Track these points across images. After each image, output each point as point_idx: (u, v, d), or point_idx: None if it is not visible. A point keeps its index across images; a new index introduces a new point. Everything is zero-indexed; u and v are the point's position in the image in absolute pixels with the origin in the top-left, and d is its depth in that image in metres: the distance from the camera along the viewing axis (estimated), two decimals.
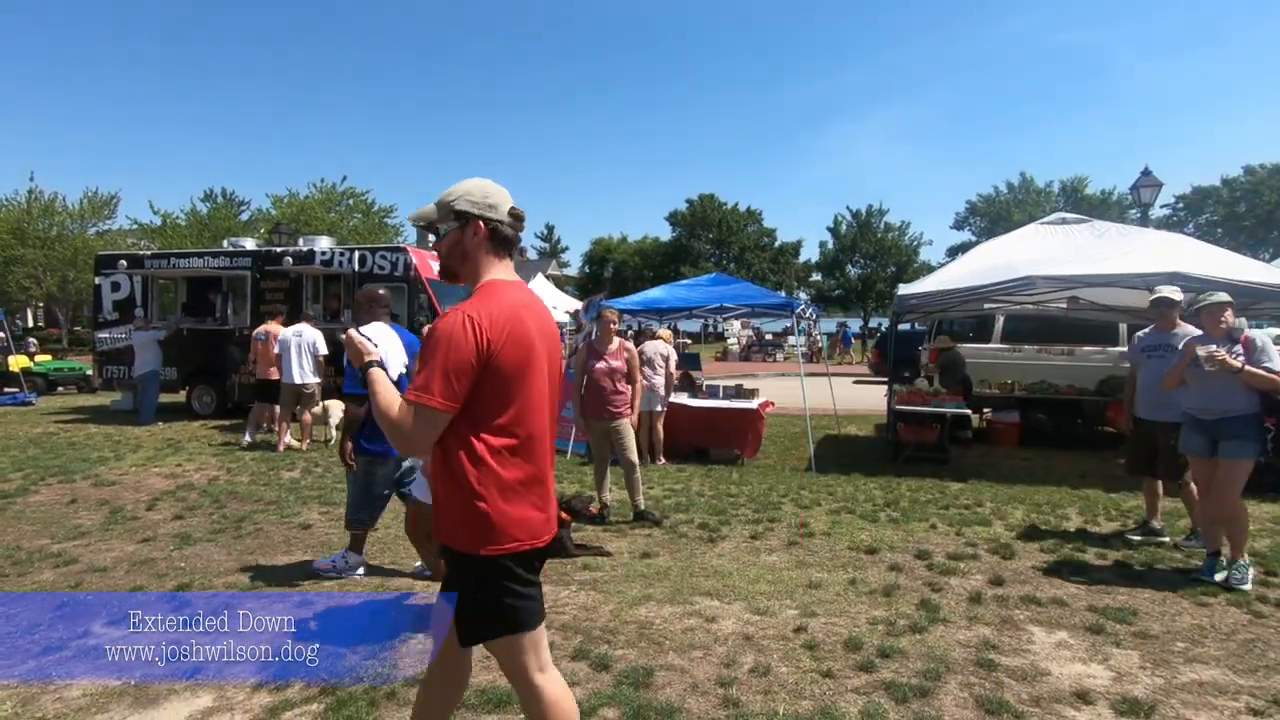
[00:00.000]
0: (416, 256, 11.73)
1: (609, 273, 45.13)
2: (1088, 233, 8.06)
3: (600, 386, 5.63)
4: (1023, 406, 9.85)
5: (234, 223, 31.07)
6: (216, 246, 15.57)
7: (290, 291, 11.92)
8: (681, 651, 3.31)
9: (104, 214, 31.63)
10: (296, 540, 5.18)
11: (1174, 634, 3.54)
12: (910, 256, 44.89)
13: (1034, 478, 7.45)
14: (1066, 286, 7.67)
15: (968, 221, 45.73)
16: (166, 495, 6.51)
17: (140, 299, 12.75)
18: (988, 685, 2.99)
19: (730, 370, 23.73)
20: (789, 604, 3.92)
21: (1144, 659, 3.27)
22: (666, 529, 5.46)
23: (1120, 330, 10.23)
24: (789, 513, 5.96)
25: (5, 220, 29.09)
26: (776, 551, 4.93)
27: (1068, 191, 42.02)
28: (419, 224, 2.04)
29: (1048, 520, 5.71)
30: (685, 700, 2.86)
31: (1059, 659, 3.26)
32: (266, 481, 7.12)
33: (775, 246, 51.44)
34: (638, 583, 4.26)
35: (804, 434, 8.81)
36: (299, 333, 8.97)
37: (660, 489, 6.86)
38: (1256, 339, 4.15)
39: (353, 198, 32.81)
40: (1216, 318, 4.27)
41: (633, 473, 5.65)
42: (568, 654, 3.26)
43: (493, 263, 1.95)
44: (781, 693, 2.93)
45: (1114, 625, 3.62)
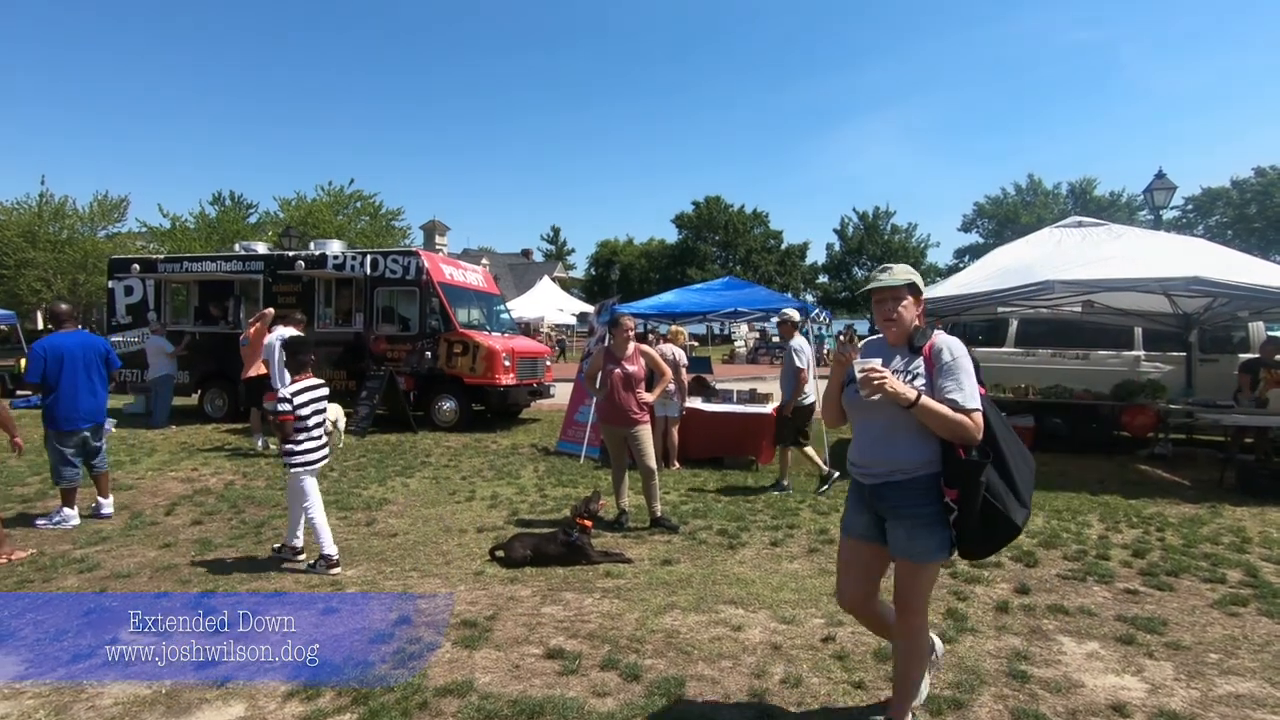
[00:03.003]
0: (428, 260, 11.76)
1: (615, 275, 45.06)
2: (1105, 236, 8.02)
3: (617, 392, 5.61)
4: (1037, 411, 9.81)
5: (242, 225, 31.23)
6: (228, 250, 15.62)
7: (302, 295, 11.95)
8: (711, 661, 3.29)
9: (114, 217, 31.83)
10: (315, 546, 5.17)
11: (1206, 645, 3.51)
12: (918, 258, 44.82)
13: (1051, 484, 7.40)
14: (1085, 291, 7.63)
15: (975, 223, 45.67)
16: (184, 500, 6.52)
17: (153, 303, 12.81)
18: (1022, 697, 2.97)
19: (738, 372, 23.71)
20: (814, 612, 3.90)
21: (1178, 671, 3.24)
22: (685, 535, 5.44)
23: (1136, 334, 10.20)
24: (808, 519, 5.94)
25: (16, 223, 29.27)
26: (798, 559, 4.91)
27: (1076, 193, 41.92)
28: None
29: (1068, 527, 5.67)
30: (719, 711, 2.85)
31: (1092, 670, 3.23)
32: (283, 486, 7.11)
33: (782, 249, 51.42)
34: (661, 590, 4.24)
35: (819, 438, 8.76)
36: (282, 336, 8.92)
37: (676, 494, 6.85)
38: (945, 350, 2.44)
39: (361, 200, 32.94)
40: (887, 311, 2.55)
41: (650, 479, 5.63)
42: (597, 663, 3.25)
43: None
44: (814, 704, 2.91)
45: (1145, 636, 3.59)
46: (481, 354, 11.08)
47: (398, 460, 8.52)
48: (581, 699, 2.92)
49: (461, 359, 11.20)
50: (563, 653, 3.34)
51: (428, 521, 5.83)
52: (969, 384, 2.39)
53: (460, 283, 12.43)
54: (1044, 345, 10.57)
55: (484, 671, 3.18)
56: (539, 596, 4.15)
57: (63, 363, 5.60)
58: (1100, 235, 8.04)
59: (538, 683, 3.08)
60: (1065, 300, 8.21)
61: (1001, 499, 2.36)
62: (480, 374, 11.10)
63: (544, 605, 4.02)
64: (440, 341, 11.28)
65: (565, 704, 2.85)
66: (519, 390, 11.63)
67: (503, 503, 6.49)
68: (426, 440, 10.18)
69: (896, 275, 2.54)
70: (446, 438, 10.45)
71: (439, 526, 5.69)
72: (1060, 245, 8.13)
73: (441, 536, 5.41)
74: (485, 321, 12.74)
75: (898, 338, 2.55)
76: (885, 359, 2.51)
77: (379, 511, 6.11)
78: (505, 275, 53.18)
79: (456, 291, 12.06)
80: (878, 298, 2.56)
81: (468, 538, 5.37)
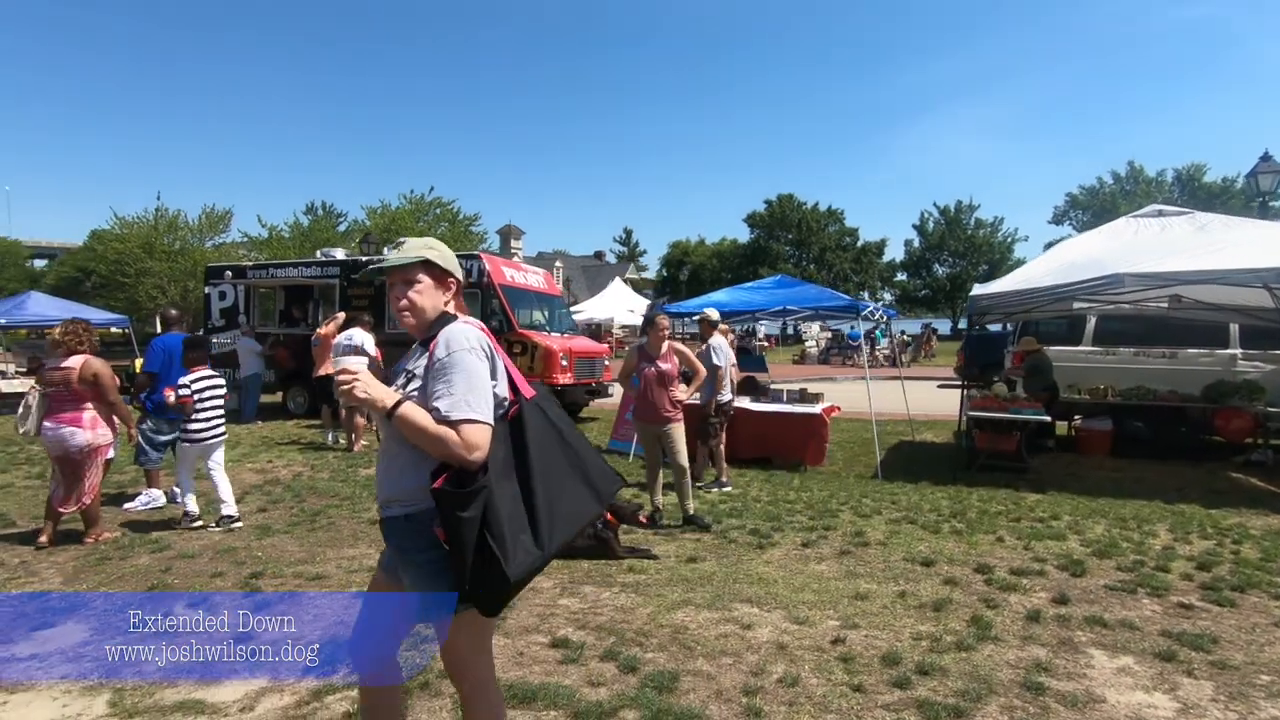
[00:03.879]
0: (489, 263, 12.14)
1: (685, 275, 45.09)
2: (1187, 225, 7.42)
3: (651, 390, 5.65)
4: (1116, 414, 9.18)
5: (333, 233, 33.10)
6: (308, 256, 16.63)
7: (374, 299, 12.59)
8: (711, 658, 3.30)
9: (219, 228, 34.35)
10: (363, 534, 5.47)
11: (1259, 665, 3.23)
12: (1004, 254, 42.66)
13: (1122, 491, 6.94)
14: (1161, 284, 7.10)
15: (1068, 215, 43.05)
16: (255, 489, 7.01)
17: (243, 306, 13.80)
18: (1032, 710, 2.83)
19: (807, 373, 23.24)
20: (831, 614, 3.82)
21: (1218, 691, 3.00)
22: (717, 534, 5.43)
23: (1231, 331, 9.38)
24: (846, 521, 5.80)
25: (137, 236, 32.05)
26: (827, 560, 4.81)
27: (1183, 180, 38.84)
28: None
29: (1130, 536, 5.31)
30: (707, 706, 2.85)
31: (1118, 686, 3.03)
32: (344, 478, 7.56)
33: (857, 246, 50.01)
34: (679, 587, 4.26)
35: (873, 440, 8.53)
36: (349, 336, 9.38)
37: (716, 493, 6.82)
38: (443, 344, 1.93)
39: (440, 207, 34.26)
40: (397, 296, 2.07)
41: (683, 477, 5.65)
42: (598, 654, 3.31)
43: None
44: (807, 704, 2.87)
45: (1188, 652, 3.34)
46: (539, 354, 11.36)
47: None
48: (574, 687, 2.98)
49: (520, 359, 11.50)
50: (567, 643, 3.42)
51: None
52: (461, 388, 1.85)
53: (521, 284, 12.76)
54: (1125, 343, 9.86)
55: None
56: (559, 588, 4.26)
57: (173, 358, 6.34)
58: (1181, 224, 7.45)
59: (537, 670, 3.17)
60: (1142, 294, 7.64)
61: (502, 539, 1.78)
62: (538, 373, 11.35)
63: (561, 597, 4.11)
64: (500, 341, 11.60)
65: (558, 691, 2.93)
66: (576, 389, 11.84)
67: None
68: None
69: (407, 251, 2.07)
70: None
71: None
72: (1137, 236, 7.58)
73: None
74: (547, 322, 13.04)
75: (417, 329, 2.05)
76: (411, 358, 2.06)
77: None
78: (578, 277, 54.08)
79: (517, 293, 12.39)
80: (390, 281, 2.07)
81: None
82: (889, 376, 15.36)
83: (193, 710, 2.89)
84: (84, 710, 2.90)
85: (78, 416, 5.13)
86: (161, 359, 6.38)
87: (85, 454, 5.12)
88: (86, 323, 5.46)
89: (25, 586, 4.29)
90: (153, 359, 6.42)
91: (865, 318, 8.77)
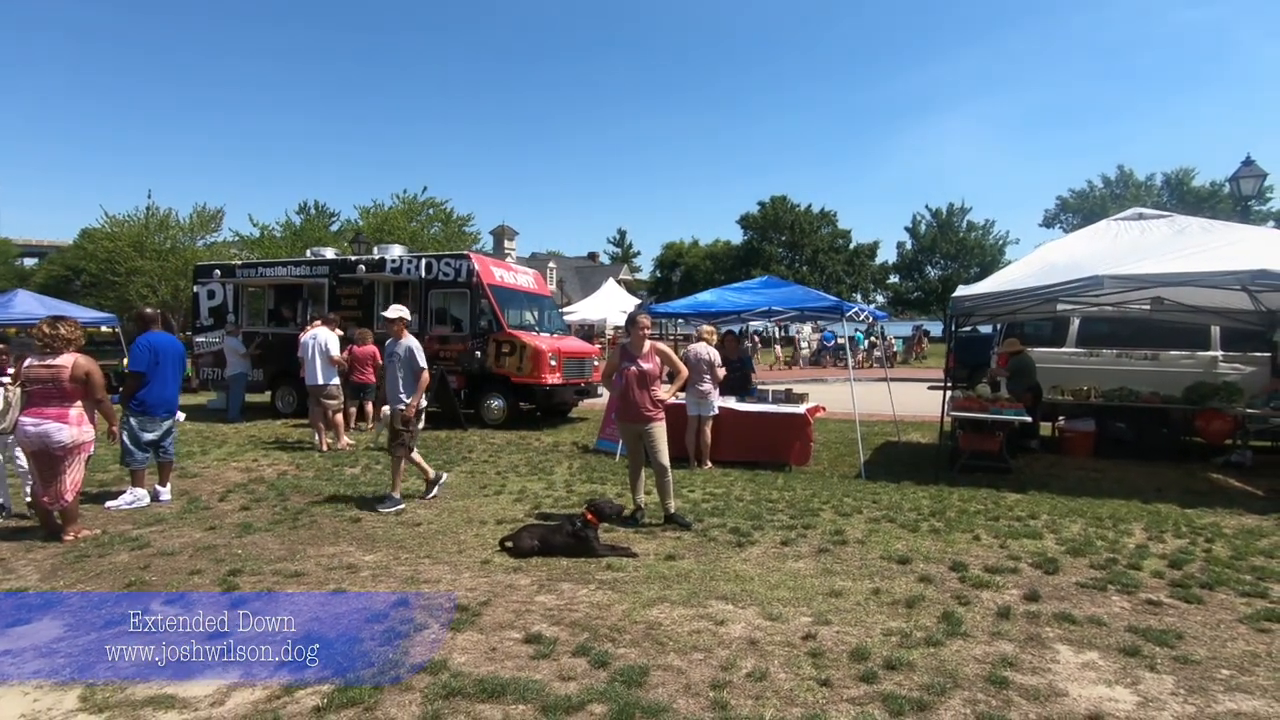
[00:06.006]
0: (479, 262, 12.16)
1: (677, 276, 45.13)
2: (1166, 229, 7.50)
3: (632, 389, 5.68)
4: (1099, 415, 9.26)
5: (325, 233, 32.97)
6: (300, 256, 16.61)
7: (363, 298, 12.60)
8: (683, 653, 3.32)
9: (210, 227, 34.16)
10: (345, 532, 5.48)
11: (1220, 660, 3.28)
12: (995, 256, 42.87)
13: (1102, 491, 7.01)
14: (1140, 286, 7.18)
15: (1058, 219, 43.28)
16: (239, 488, 7.01)
17: (232, 306, 13.77)
18: (994, 703, 2.86)
19: (798, 375, 23.32)
20: (804, 611, 3.86)
21: (1179, 685, 3.04)
22: (697, 533, 5.46)
23: (1212, 333, 9.48)
24: (826, 520, 5.84)
25: (127, 235, 31.88)
26: (804, 558, 4.85)
27: (1172, 184, 39.11)
28: None
29: (1106, 535, 5.37)
30: (675, 700, 2.88)
31: (1081, 680, 3.08)
32: (329, 477, 7.56)
33: (850, 248, 50.17)
34: (656, 584, 4.29)
35: (859, 440, 8.58)
36: (314, 335, 9.40)
37: (701, 492, 6.85)
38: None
39: (433, 207, 34.19)
40: None
41: (664, 476, 5.68)
42: (570, 650, 3.33)
43: None
44: (774, 699, 2.90)
45: (1153, 647, 3.39)
46: (528, 354, 11.38)
47: (441, 455, 8.86)
48: (545, 682, 3.01)
49: (509, 358, 11.53)
50: (541, 638, 3.45)
51: (453, 513, 6.07)
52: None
53: (510, 284, 12.78)
54: (1109, 345, 9.96)
55: (461, 652, 3.32)
56: (536, 585, 4.28)
57: (159, 357, 6.36)
58: (1161, 228, 7.53)
59: (509, 665, 3.20)
60: (1123, 296, 7.71)
61: None
62: (527, 373, 11.39)
63: (539, 594, 4.14)
64: (489, 341, 11.65)
65: (527, 686, 2.95)
66: (564, 389, 11.87)
67: (528, 497, 6.67)
68: (473, 437, 10.54)
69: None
70: (492, 435, 10.78)
71: (462, 518, 5.91)
72: (1117, 239, 7.66)
73: (462, 527, 5.62)
74: (536, 322, 13.06)
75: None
76: None
77: (410, 502, 6.39)
78: (572, 278, 54.08)
79: (506, 293, 12.41)
80: None
81: (486, 529, 5.56)
82: (878, 378, 15.43)
83: (163, 705, 2.90)
84: (54, 705, 2.90)
85: (64, 413, 5.13)
86: (148, 358, 6.34)
87: (67, 450, 5.12)
88: (74, 320, 5.46)
89: (1, 584, 4.28)
90: (138, 358, 6.37)
91: (850, 319, 8.82)
